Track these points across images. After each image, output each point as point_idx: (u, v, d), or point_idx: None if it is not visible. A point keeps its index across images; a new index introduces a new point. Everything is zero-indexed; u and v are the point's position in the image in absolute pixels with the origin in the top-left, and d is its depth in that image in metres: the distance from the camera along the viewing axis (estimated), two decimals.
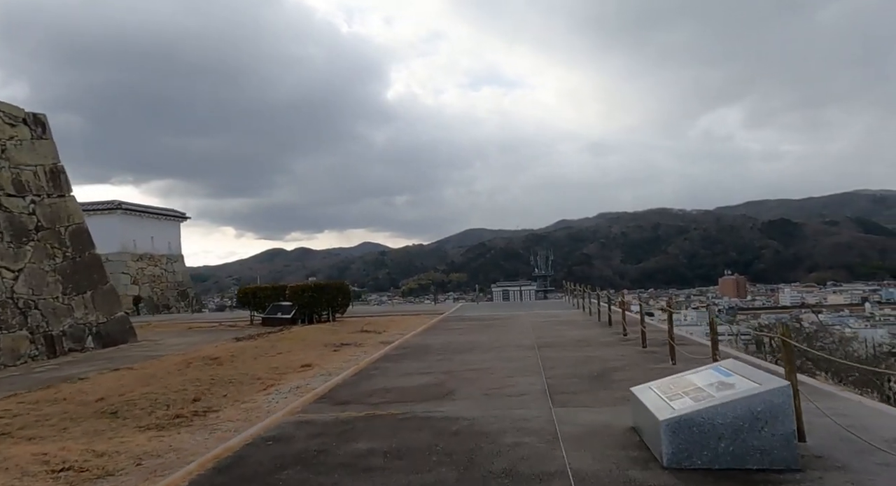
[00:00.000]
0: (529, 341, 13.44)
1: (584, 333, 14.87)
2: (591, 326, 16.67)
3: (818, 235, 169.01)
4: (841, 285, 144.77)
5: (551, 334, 15.02)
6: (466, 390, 8.39)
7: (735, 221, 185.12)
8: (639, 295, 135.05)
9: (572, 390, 8.06)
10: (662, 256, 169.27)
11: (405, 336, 16.22)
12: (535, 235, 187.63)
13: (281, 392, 9.23)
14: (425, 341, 14.55)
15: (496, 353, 11.92)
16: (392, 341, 15.45)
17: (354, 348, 14.61)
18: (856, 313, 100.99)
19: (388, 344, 14.76)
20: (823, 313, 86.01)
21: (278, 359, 12.96)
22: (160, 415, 7.78)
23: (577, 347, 12.26)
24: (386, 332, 18.21)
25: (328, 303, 21.39)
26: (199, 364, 12.10)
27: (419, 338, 15.51)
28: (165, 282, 34.39)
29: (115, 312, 17.33)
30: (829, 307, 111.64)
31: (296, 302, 20.97)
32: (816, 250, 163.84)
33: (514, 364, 10.38)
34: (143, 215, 33.63)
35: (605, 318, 17.49)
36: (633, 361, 10.18)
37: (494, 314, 22.60)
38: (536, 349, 12.10)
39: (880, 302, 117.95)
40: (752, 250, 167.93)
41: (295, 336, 17.39)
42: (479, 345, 13.32)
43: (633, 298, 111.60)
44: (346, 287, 22.89)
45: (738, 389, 5.00)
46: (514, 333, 15.61)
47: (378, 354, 12.75)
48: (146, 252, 33.39)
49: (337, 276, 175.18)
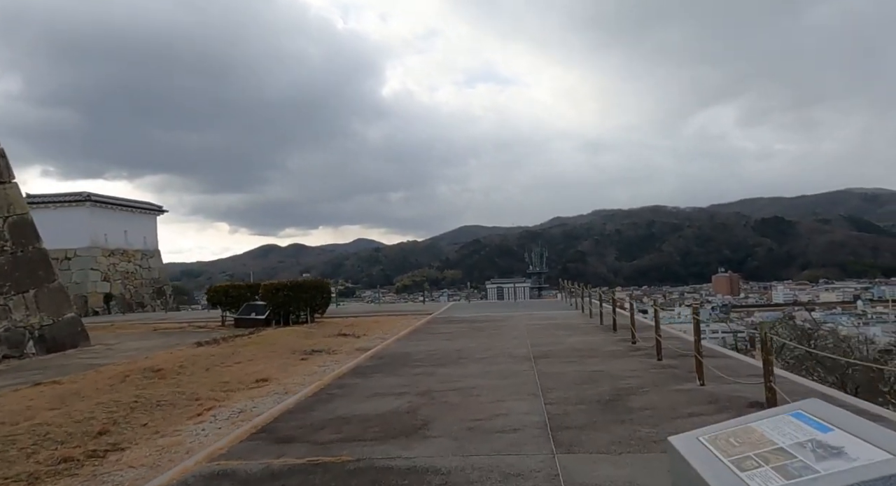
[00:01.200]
0: (524, 351, 11.60)
1: (585, 339, 13.04)
2: (593, 330, 14.85)
3: (811, 233, 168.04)
4: (833, 282, 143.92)
5: (548, 340, 13.19)
6: (445, 420, 6.55)
7: (729, 218, 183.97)
8: (632, 292, 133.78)
9: (579, 423, 6.23)
10: (656, 253, 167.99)
11: (386, 341, 14.37)
12: (529, 232, 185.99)
13: (217, 420, 7.38)
14: (406, 349, 12.70)
15: (485, 366, 10.07)
16: (370, 347, 13.60)
17: (326, 356, 12.75)
18: (848, 310, 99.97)
19: (364, 351, 12.91)
20: (816, 311, 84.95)
21: (234, 371, 11.09)
22: (43, 458, 5.89)
23: (580, 358, 10.42)
24: (366, 336, 16.36)
25: (306, 303, 19.50)
26: (136, 378, 10.22)
27: (400, 344, 13.65)
28: (140, 279, 32.32)
29: (63, 313, 15.41)
30: (822, 305, 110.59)
31: (270, 302, 19.07)
32: (809, 248, 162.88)
33: (505, 382, 8.54)
34: (116, 208, 31.54)
35: (607, 321, 15.67)
36: (651, 379, 8.34)
37: (486, 315, 20.76)
38: (532, 361, 10.26)
39: (872, 300, 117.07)
40: (745, 248, 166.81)
41: (264, 340, 15.51)
42: (466, 354, 11.48)
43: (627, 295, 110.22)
44: (326, 286, 21.00)
45: (854, 457, 3.17)
46: (507, 338, 13.77)
47: (349, 365, 10.90)
48: (119, 247, 31.32)
49: (331, 272, 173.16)
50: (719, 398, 6.95)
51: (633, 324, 11.98)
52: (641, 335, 11.95)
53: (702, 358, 7.79)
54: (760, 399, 6.69)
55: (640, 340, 11.72)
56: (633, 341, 11.87)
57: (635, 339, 11.84)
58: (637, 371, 8.95)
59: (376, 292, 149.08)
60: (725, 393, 7.17)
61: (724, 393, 7.18)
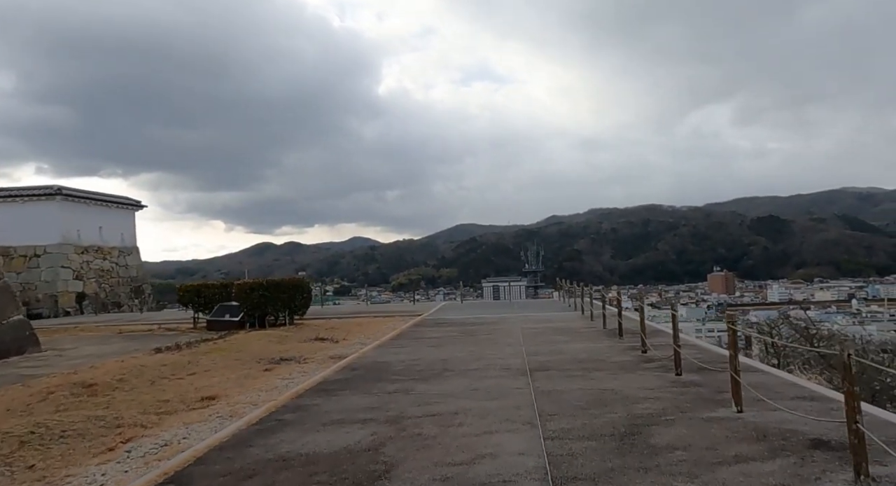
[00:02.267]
0: (519, 361, 10.01)
1: (588, 347, 11.46)
2: (596, 336, 13.27)
3: (806, 232, 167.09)
4: (828, 281, 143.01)
5: (547, 347, 11.60)
6: (414, 464, 4.96)
7: (724, 217, 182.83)
8: (628, 291, 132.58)
9: (590, 471, 4.63)
10: (652, 252, 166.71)
11: (365, 348, 12.78)
12: (525, 230, 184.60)
13: (130, 458, 5.78)
14: (385, 357, 11.10)
15: (473, 381, 8.48)
16: (346, 355, 12.00)
17: (294, 365, 11.15)
18: (842, 309, 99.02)
19: (338, 360, 11.32)
20: (811, 310, 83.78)
21: (182, 385, 9.49)
22: None
23: (584, 372, 8.83)
24: (345, 340, 14.76)
25: (284, 303, 17.86)
26: (62, 395, 8.59)
27: (380, 352, 12.05)
28: (116, 277, 30.56)
29: (8, 315, 13.77)
30: (817, 304, 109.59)
31: (244, 303, 17.44)
32: (804, 247, 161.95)
33: (496, 405, 6.96)
34: (90, 203, 29.72)
35: (611, 324, 14.10)
36: (673, 402, 6.76)
37: (479, 317, 19.18)
38: (528, 376, 8.67)
39: (866, 299, 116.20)
40: (740, 247, 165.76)
41: (231, 346, 13.89)
42: (452, 366, 9.88)
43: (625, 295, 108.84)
44: (306, 285, 19.36)
45: None
46: (501, 345, 12.18)
47: (315, 378, 9.30)
48: (93, 244, 29.55)
49: (327, 270, 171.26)
50: (768, 433, 5.37)
51: (643, 330, 10.40)
52: (652, 342, 10.38)
53: (740, 377, 6.21)
54: (825, 436, 5.12)
55: (651, 347, 10.16)
56: (644, 349, 10.30)
57: (646, 347, 10.27)
58: (655, 390, 7.36)
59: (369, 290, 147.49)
60: (773, 425, 5.60)
61: (771, 425, 5.60)
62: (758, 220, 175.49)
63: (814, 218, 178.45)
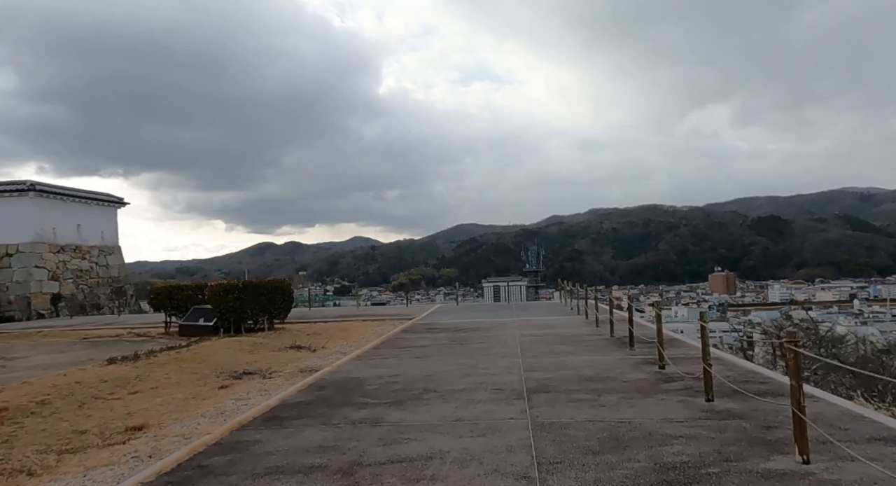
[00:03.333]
0: (515, 379, 8.42)
1: (595, 360, 9.86)
2: (603, 345, 11.68)
3: (807, 232, 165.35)
4: (829, 281, 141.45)
5: (548, 360, 10.01)
6: None
7: (724, 217, 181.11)
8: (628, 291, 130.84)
9: None
10: (653, 252, 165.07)
11: (342, 359, 11.20)
12: (526, 230, 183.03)
13: None
14: (361, 372, 9.52)
15: (458, 407, 6.90)
16: (319, 367, 10.43)
17: (257, 381, 9.59)
18: (844, 309, 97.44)
19: (308, 374, 9.77)
20: (813, 310, 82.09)
21: (115, 408, 7.93)
22: None
23: (593, 395, 7.24)
24: (324, 348, 13.19)
25: (262, 307, 16.28)
26: None
27: (358, 364, 10.47)
28: (96, 277, 28.94)
29: None
30: (818, 304, 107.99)
31: (217, 306, 15.85)
32: (805, 247, 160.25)
33: (482, 446, 5.37)
34: (66, 199, 28.08)
35: (619, 331, 12.52)
36: (713, 444, 5.16)
37: (474, 322, 17.61)
38: (525, 400, 7.10)
39: (868, 299, 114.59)
40: (741, 247, 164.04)
41: (194, 356, 12.32)
42: (435, 384, 8.30)
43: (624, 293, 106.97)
44: (287, 287, 17.73)
45: None
46: (494, 357, 10.60)
47: (271, 401, 7.73)
48: (70, 242, 27.95)
49: (327, 270, 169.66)
50: None
51: (660, 341, 8.79)
52: (669, 354, 8.78)
53: (805, 416, 4.61)
54: None
55: (669, 360, 8.57)
56: (661, 364, 8.71)
57: (663, 361, 8.68)
58: (684, 424, 5.77)
59: (370, 290, 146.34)
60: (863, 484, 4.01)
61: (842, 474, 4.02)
62: (758, 220, 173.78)
63: (815, 218, 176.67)
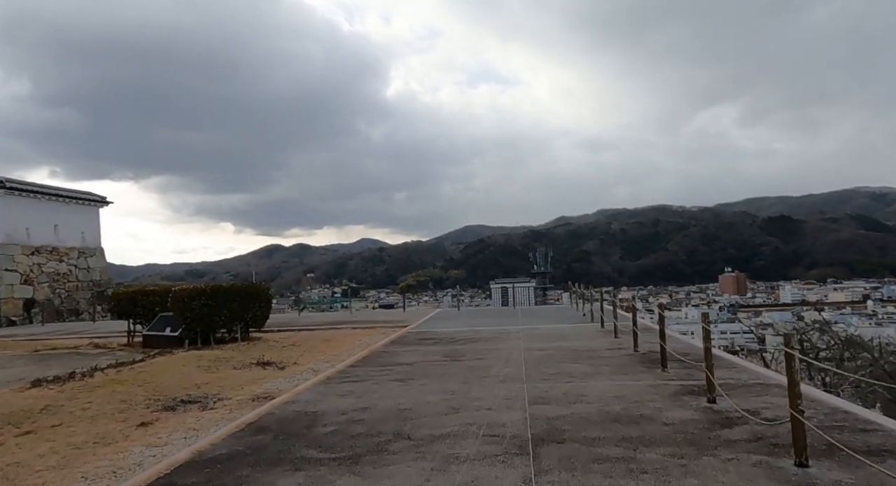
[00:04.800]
0: (517, 419, 6.26)
1: (622, 387, 7.69)
2: (627, 364, 9.50)
3: (818, 232, 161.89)
4: (841, 282, 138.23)
5: (560, 386, 7.85)
6: None
7: (734, 217, 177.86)
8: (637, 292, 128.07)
9: None
10: (662, 252, 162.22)
11: (307, 382, 9.10)
12: (534, 231, 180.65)
13: None
14: (320, 404, 7.40)
15: (434, 467, 4.76)
16: (276, 393, 8.35)
17: (191, 413, 7.50)
18: (858, 310, 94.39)
19: (260, 403, 7.69)
20: (826, 311, 79.20)
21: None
22: None
23: (629, 451, 5.07)
24: (295, 365, 11.09)
25: (235, 315, 14.21)
26: None
27: (323, 390, 8.36)
28: (75, 281, 27.02)
29: None
30: (831, 305, 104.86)
31: (181, 314, 13.80)
32: (816, 247, 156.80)
33: None
34: (41, 198, 26.14)
35: (645, 345, 10.35)
36: None
37: (474, 330, 15.47)
38: (530, 458, 4.95)
39: (882, 299, 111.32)
40: (751, 247, 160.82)
41: (139, 376, 10.28)
42: (410, 427, 6.17)
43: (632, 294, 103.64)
44: (264, 292, 15.60)
45: None
46: (493, 381, 8.44)
47: (183, 454, 5.63)
48: (46, 244, 26.03)
49: (335, 272, 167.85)
50: None
51: (708, 366, 6.59)
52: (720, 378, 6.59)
53: None
54: None
55: (719, 385, 6.39)
56: (711, 396, 6.52)
57: (714, 393, 6.50)
58: None
59: (381, 291, 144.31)
60: None
61: None
62: (769, 220, 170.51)
63: (826, 218, 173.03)
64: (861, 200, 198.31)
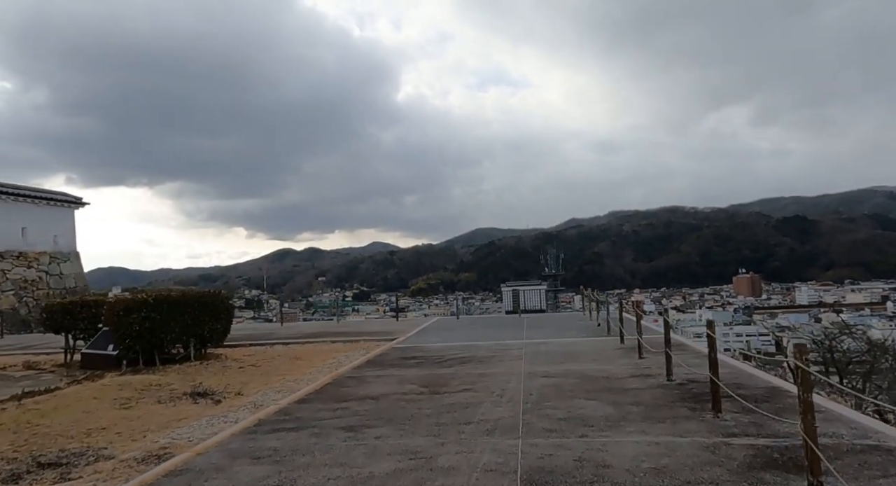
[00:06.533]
0: None
1: (660, 442, 5.19)
2: (663, 401, 6.99)
3: (834, 233, 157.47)
4: (859, 283, 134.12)
5: (571, 445, 5.37)
6: None
7: (749, 218, 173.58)
8: (650, 294, 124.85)
9: None
10: (675, 254, 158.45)
11: (227, 431, 6.69)
12: (545, 233, 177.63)
13: None
14: (216, 482, 5.00)
15: None
16: (175, 451, 5.95)
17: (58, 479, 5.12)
18: (877, 311, 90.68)
19: (141, 470, 5.29)
20: (844, 313, 75.84)
21: None
22: None
23: None
24: (239, 395, 8.69)
25: (186, 330, 11.85)
26: None
27: (236, 448, 5.95)
28: (45, 289, 24.93)
29: None
30: (849, 306, 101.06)
31: (117, 330, 11.46)
32: (832, 248, 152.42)
33: None
34: (6, 198, 23.87)
35: (682, 369, 7.84)
36: None
37: (469, 346, 12.98)
38: None
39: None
40: (766, 248, 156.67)
41: (20, 417, 7.93)
42: None
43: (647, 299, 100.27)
44: (223, 301, 13.10)
45: None
46: (475, 434, 5.96)
47: None
48: (11, 248, 23.87)
49: (346, 276, 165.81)
50: None
51: (808, 431, 4.08)
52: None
53: None
54: None
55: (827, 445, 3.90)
56: (814, 478, 4.01)
57: (818, 473, 3.98)
58: None
59: (391, 295, 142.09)
60: None
61: None
62: (784, 220, 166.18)
63: (842, 218, 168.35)
64: (878, 199, 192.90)
